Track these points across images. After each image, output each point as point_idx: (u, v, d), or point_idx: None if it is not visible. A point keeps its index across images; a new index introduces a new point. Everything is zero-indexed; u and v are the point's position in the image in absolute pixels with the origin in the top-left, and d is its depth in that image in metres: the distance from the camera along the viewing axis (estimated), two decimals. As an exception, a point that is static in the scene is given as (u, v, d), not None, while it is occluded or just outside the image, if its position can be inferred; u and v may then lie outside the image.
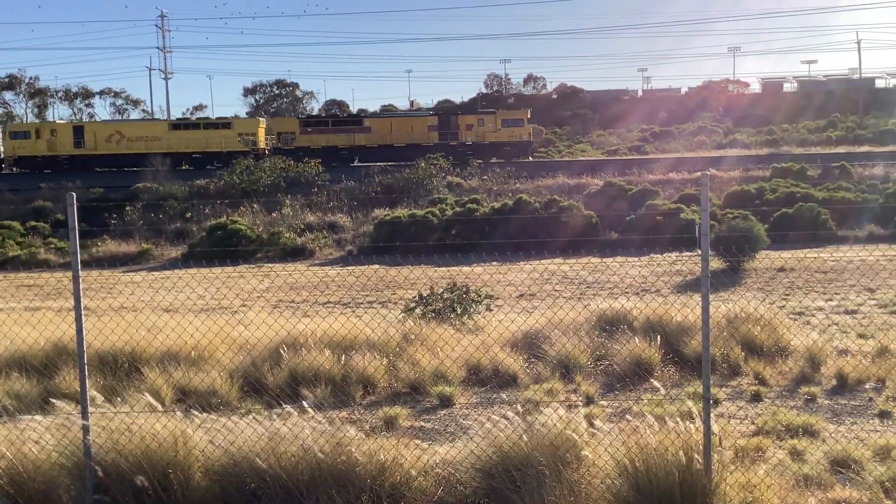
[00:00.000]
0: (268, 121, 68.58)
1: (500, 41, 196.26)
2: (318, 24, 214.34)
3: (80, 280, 6.65)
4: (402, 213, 38.99)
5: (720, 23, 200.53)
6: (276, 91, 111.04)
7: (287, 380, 9.57)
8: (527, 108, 67.88)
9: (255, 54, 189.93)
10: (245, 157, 53.05)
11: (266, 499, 6.42)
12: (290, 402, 7.49)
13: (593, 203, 39.21)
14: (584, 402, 9.05)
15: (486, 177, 49.02)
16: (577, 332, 10.93)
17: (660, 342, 10.29)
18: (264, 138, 61.12)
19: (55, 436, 6.86)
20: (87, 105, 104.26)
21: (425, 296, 14.10)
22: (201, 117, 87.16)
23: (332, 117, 71.44)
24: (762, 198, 38.30)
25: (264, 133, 61.75)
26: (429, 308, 13.67)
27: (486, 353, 10.36)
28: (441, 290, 14.21)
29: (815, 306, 16.12)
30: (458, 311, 13.51)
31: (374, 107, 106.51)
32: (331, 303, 20.36)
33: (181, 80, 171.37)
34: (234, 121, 65.05)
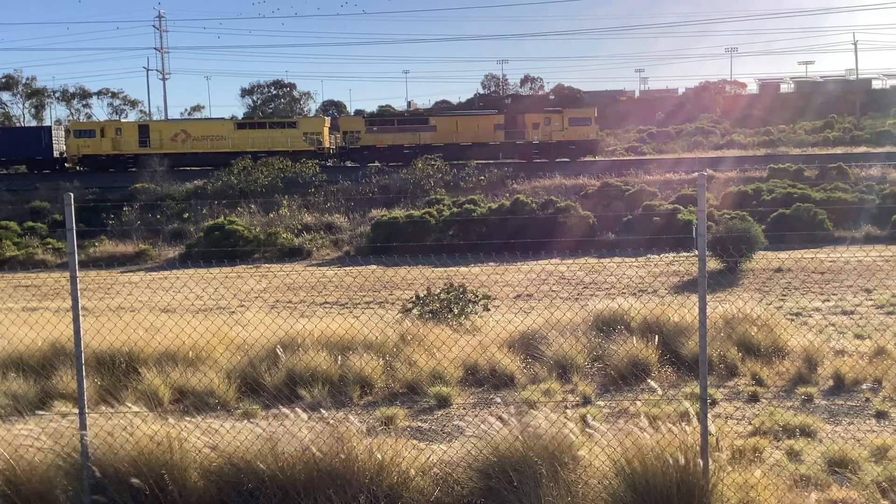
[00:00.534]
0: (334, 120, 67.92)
1: (498, 42, 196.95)
2: (317, 24, 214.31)
3: (78, 280, 6.65)
4: (399, 213, 39.01)
5: (717, 24, 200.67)
6: (274, 92, 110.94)
7: (285, 380, 9.57)
8: (592, 106, 65.90)
9: (253, 55, 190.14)
10: (312, 157, 52.65)
11: (263, 499, 6.41)
12: (288, 403, 7.49)
13: (590, 204, 39.27)
14: (581, 403, 9.07)
15: (482, 177, 48.99)
16: (574, 332, 10.93)
17: (657, 343, 10.28)
18: (328, 137, 60.29)
19: (52, 437, 6.84)
20: (84, 105, 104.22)
21: (422, 296, 14.10)
22: (266, 116, 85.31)
23: (398, 116, 70.12)
24: (759, 198, 38.37)
25: (328, 132, 60.99)
26: (426, 308, 13.67)
27: (483, 354, 10.36)
28: (438, 290, 14.21)
29: (812, 307, 16.15)
30: (455, 312, 13.51)
31: (371, 107, 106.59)
32: (328, 303, 20.35)
33: (178, 81, 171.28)
34: (299, 120, 64.43)
